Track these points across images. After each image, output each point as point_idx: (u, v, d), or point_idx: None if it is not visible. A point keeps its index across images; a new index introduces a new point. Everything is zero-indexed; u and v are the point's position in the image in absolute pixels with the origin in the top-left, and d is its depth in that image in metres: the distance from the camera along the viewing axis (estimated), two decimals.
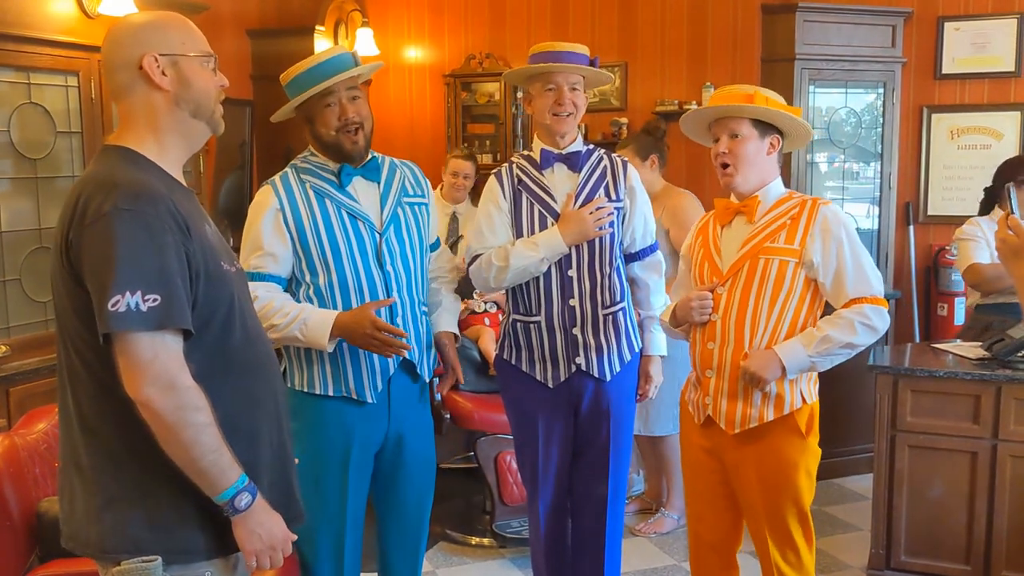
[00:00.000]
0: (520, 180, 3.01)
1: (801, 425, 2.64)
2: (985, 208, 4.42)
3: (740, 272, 2.65)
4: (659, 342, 3.13)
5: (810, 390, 2.69)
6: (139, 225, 1.69)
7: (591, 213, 2.90)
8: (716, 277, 2.69)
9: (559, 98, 2.92)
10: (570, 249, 2.92)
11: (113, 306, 1.65)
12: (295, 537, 1.90)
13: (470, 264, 3.02)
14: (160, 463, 1.76)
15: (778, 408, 2.63)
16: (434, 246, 2.98)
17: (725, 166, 2.69)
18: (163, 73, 1.83)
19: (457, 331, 3.02)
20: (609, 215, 2.91)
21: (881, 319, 2.60)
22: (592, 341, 2.97)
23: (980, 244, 4.22)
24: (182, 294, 1.72)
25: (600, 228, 2.90)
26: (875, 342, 2.70)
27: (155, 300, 1.67)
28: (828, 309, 2.72)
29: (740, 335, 2.63)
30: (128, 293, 1.66)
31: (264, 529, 1.82)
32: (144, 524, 1.78)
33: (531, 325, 2.99)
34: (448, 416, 4.29)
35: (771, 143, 2.71)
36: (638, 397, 3.12)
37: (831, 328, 2.58)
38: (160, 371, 1.69)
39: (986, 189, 4.45)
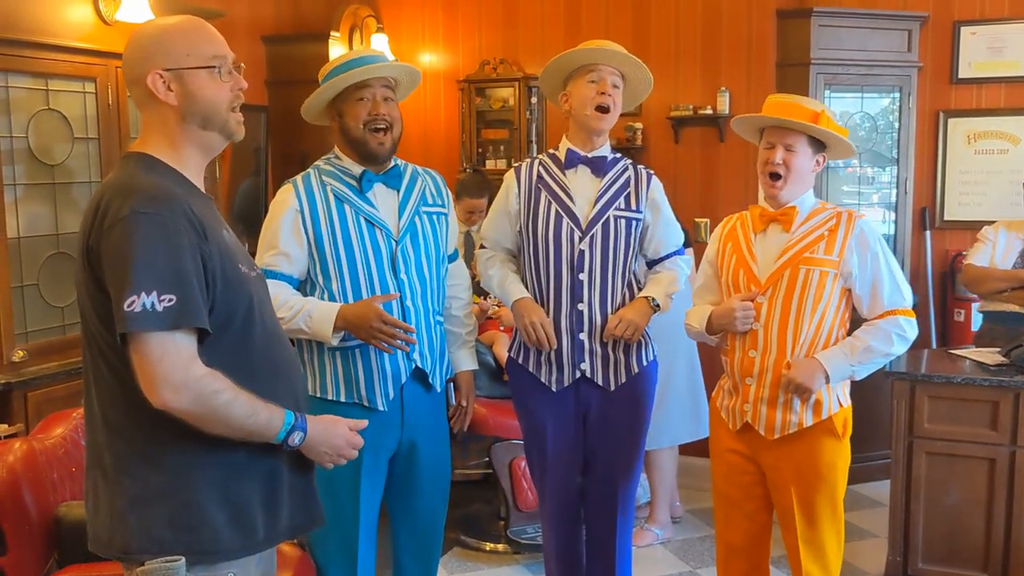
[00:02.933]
0: (540, 177, 3.01)
1: (838, 428, 2.71)
2: None
3: (780, 281, 2.68)
4: (657, 291, 3.02)
5: (845, 394, 2.77)
6: (155, 227, 1.72)
7: (532, 325, 2.93)
8: (754, 286, 2.70)
9: (603, 87, 2.90)
10: (583, 252, 2.93)
11: (129, 306, 1.68)
12: (358, 438, 2.02)
13: (481, 246, 3.17)
14: (181, 463, 1.78)
15: (817, 413, 2.69)
16: (452, 257, 2.98)
17: (775, 176, 2.72)
18: (168, 88, 1.85)
19: (476, 365, 3.08)
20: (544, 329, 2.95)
21: (913, 330, 2.71)
22: (599, 349, 2.96)
23: (985, 246, 4.27)
24: (198, 294, 1.74)
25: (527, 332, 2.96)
26: None
27: (170, 300, 1.70)
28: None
29: (782, 343, 2.67)
30: (144, 294, 1.69)
31: (327, 446, 1.96)
32: (167, 524, 1.79)
33: None
34: None
35: (818, 160, 2.77)
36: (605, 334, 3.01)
37: (871, 339, 2.67)
38: (169, 370, 1.71)
39: None
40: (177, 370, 1.71)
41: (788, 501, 2.72)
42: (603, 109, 2.91)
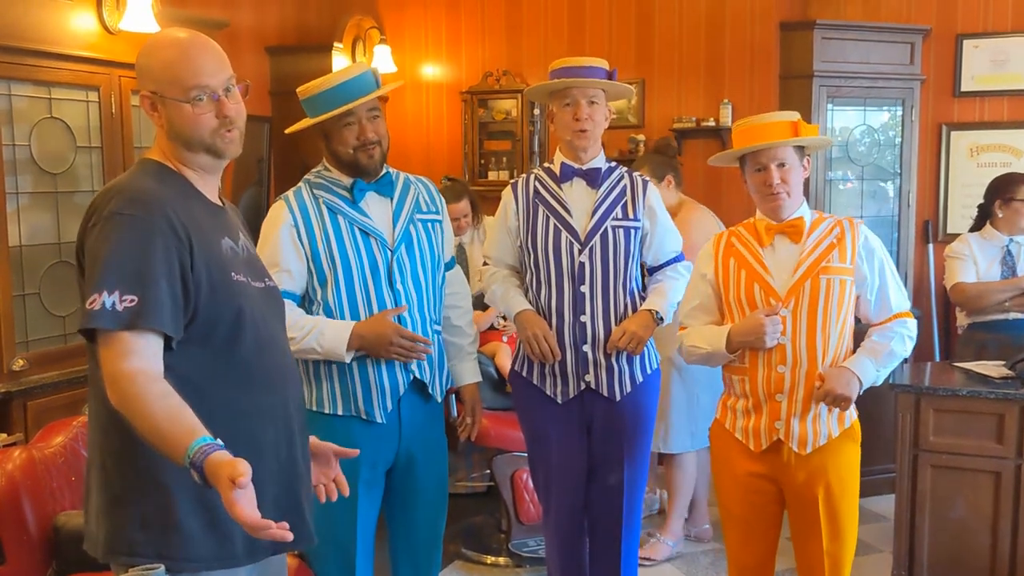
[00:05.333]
0: (537, 192, 3.01)
1: (856, 434, 2.73)
2: (978, 224, 4.42)
3: (802, 292, 2.65)
4: (660, 303, 3.01)
5: None
6: (129, 228, 1.75)
7: (535, 338, 2.93)
8: (773, 298, 2.67)
9: (577, 113, 2.92)
10: (583, 264, 2.92)
11: (90, 304, 1.71)
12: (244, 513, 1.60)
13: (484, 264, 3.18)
14: (156, 463, 1.76)
15: (841, 422, 2.69)
16: (449, 264, 2.97)
17: (778, 196, 2.69)
18: (154, 109, 1.89)
19: (480, 378, 3.05)
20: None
21: (916, 331, 2.76)
22: (603, 360, 2.95)
23: (966, 262, 4.28)
24: (165, 297, 1.74)
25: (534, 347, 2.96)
26: None
27: (132, 301, 1.71)
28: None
29: (812, 355, 2.65)
30: (106, 292, 1.71)
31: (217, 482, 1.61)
32: (139, 526, 1.79)
33: None
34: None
35: (804, 165, 2.76)
36: (608, 346, 2.98)
37: (891, 342, 2.69)
38: (108, 368, 1.71)
39: (979, 206, 4.45)
40: (112, 366, 1.71)
41: (814, 515, 2.69)
42: (581, 131, 2.93)
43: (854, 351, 2.72)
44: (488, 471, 4.26)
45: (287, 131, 2.87)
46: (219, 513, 1.80)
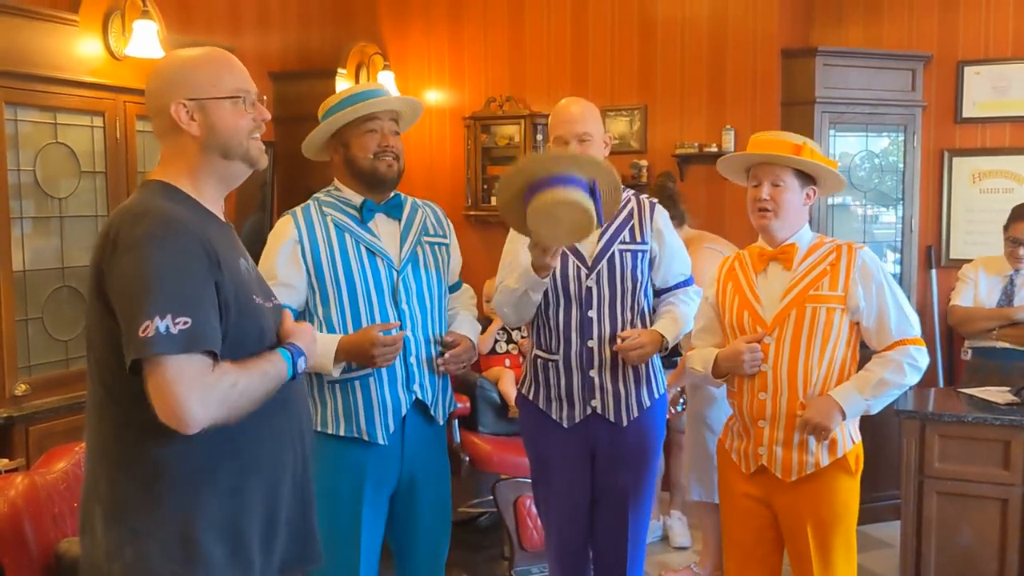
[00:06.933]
0: None
1: (851, 465, 2.68)
2: None
3: (787, 321, 2.65)
4: (670, 330, 2.97)
5: (856, 431, 2.73)
6: (169, 251, 1.72)
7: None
8: (760, 326, 2.67)
9: None
10: (591, 288, 2.91)
11: (143, 332, 1.66)
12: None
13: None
14: (186, 499, 1.75)
15: (832, 452, 2.66)
16: (454, 287, 2.97)
17: (764, 210, 2.70)
18: (191, 118, 1.87)
19: (475, 339, 2.96)
20: None
21: (925, 359, 2.68)
22: (609, 386, 2.94)
23: (968, 285, 4.36)
24: (212, 317, 1.74)
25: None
26: None
27: (185, 323, 1.68)
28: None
29: (793, 384, 2.64)
30: (158, 318, 1.66)
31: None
32: (163, 558, 1.76)
33: (550, 363, 2.98)
34: (467, 459, 4.25)
35: (808, 194, 2.75)
36: (615, 346, 2.92)
37: (884, 371, 2.63)
38: (187, 390, 1.67)
39: None
40: (195, 388, 1.68)
41: (804, 543, 2.67)
42: None
43: None
44: (491, 497, 4.23)
45: (304, 143, 2.85)
46: (241, 538, 1.80)
